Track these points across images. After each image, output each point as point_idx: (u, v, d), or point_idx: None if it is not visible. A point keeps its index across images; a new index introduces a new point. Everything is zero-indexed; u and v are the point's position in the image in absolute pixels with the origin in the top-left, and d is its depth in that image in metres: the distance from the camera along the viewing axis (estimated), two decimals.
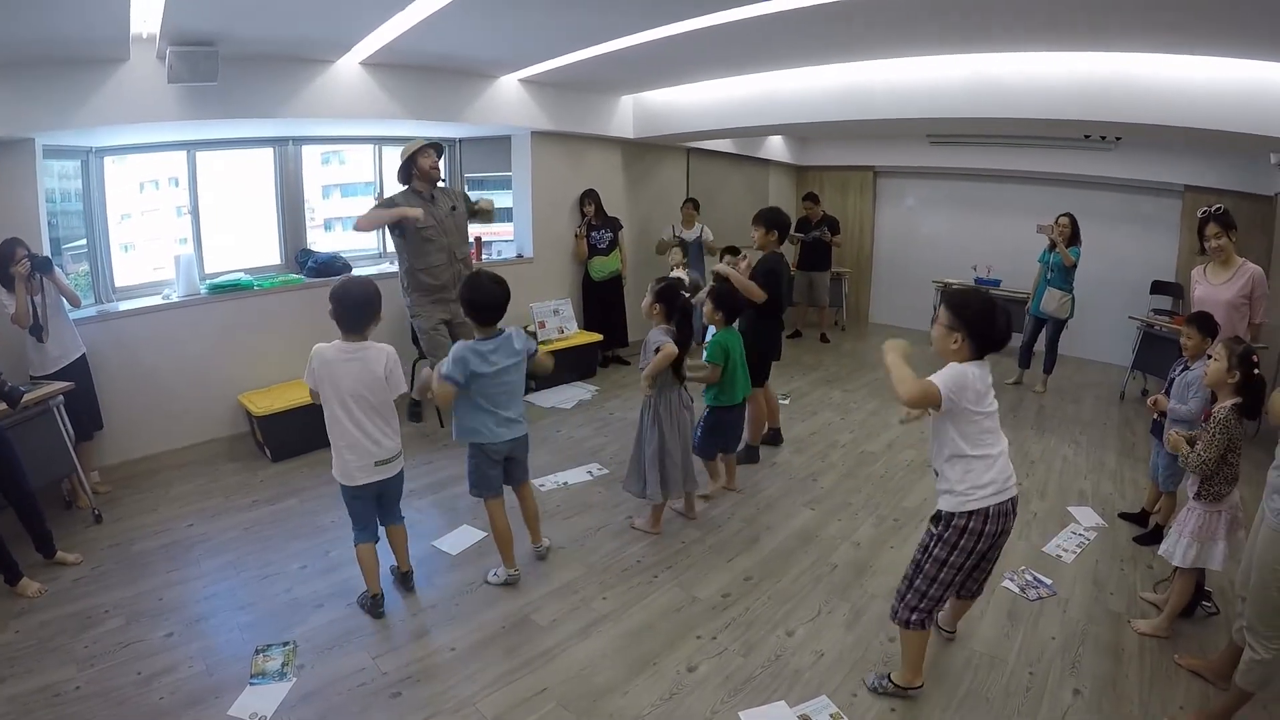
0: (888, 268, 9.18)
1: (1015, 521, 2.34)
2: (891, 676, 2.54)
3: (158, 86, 3.90)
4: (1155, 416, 3.56)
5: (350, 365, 2.76)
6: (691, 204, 7.10)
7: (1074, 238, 5.86)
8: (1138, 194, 7.07)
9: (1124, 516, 3.95)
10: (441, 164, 4.76)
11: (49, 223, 4.14)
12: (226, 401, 4.72)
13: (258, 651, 2.75)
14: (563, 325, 6.52)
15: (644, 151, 7.46)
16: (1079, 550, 3.61)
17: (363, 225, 4.47)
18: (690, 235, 6.90)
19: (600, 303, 6.87)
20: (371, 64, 4.80)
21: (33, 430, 3.44)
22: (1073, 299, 5.99)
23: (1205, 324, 3.33)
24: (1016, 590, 3.24)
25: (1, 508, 3.17)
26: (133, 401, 4.34)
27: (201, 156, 4.89)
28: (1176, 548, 2.81)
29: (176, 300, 4.54)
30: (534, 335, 6.25)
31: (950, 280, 7.78)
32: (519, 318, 6.28)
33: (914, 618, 2.37)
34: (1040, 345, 6.36)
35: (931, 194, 8.74)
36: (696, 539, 3.69)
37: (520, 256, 6.69)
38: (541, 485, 4.23)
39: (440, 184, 4.72)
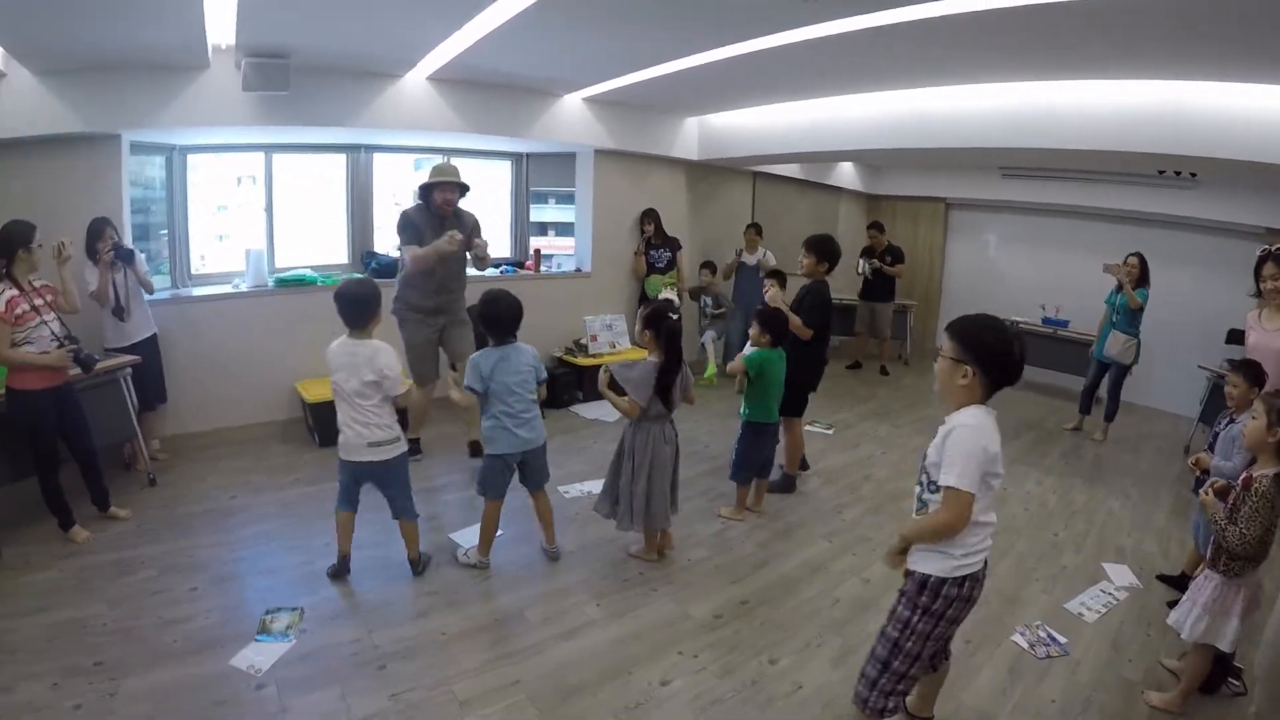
0: (956, 302, 8.93)
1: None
2: None
3: (234, 93, 4.28)
4: (1197, 474, 3.35)
5: (349, 359, 3.06)
6: (754, 229, 7.13)
7: (1142, 279, 5.60)
8: (1216, 236, 6.66)
9: (1162, 579, 3.71)
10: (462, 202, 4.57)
11: (147, 209, 4.62)
12: (284, 387, 5.08)
13: (267, 612, 2.99)
14: (615, 340, 6.62)
15: (708, 173, 7.55)
16: (1104, 610, 3.41)
17: (416, 270, 4.38)
18: (752, 259, 6.94)
19: None
20: (438, 79, 5.10)
21: (101, 396, 3.83)
22: (1138, 344, 5.70)
23: (1253, 372, 3.12)
24: (1025, 645, 3.07)
25: (66, 461, 3.53)
26: (197, 380, 4.74)
27: (278, 159, 5.31)
28: (1187, 619, 2.59)
29: (245, 290, 4.94)
30: (584, 348, 6.42)
31: (1018, 318, 7.51)
32: (573, 329, 6.48)
33: (890, 704, 2.12)
34: (1103, 391, 6.07)
35: (1003, 228, 8.50)
36: (704, 558, 3.71)
37: (579, 270, 6.88)
38: (566, 492, 4.36)
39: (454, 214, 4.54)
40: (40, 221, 3.37)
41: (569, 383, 6.26)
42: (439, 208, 4.38)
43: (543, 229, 7.41)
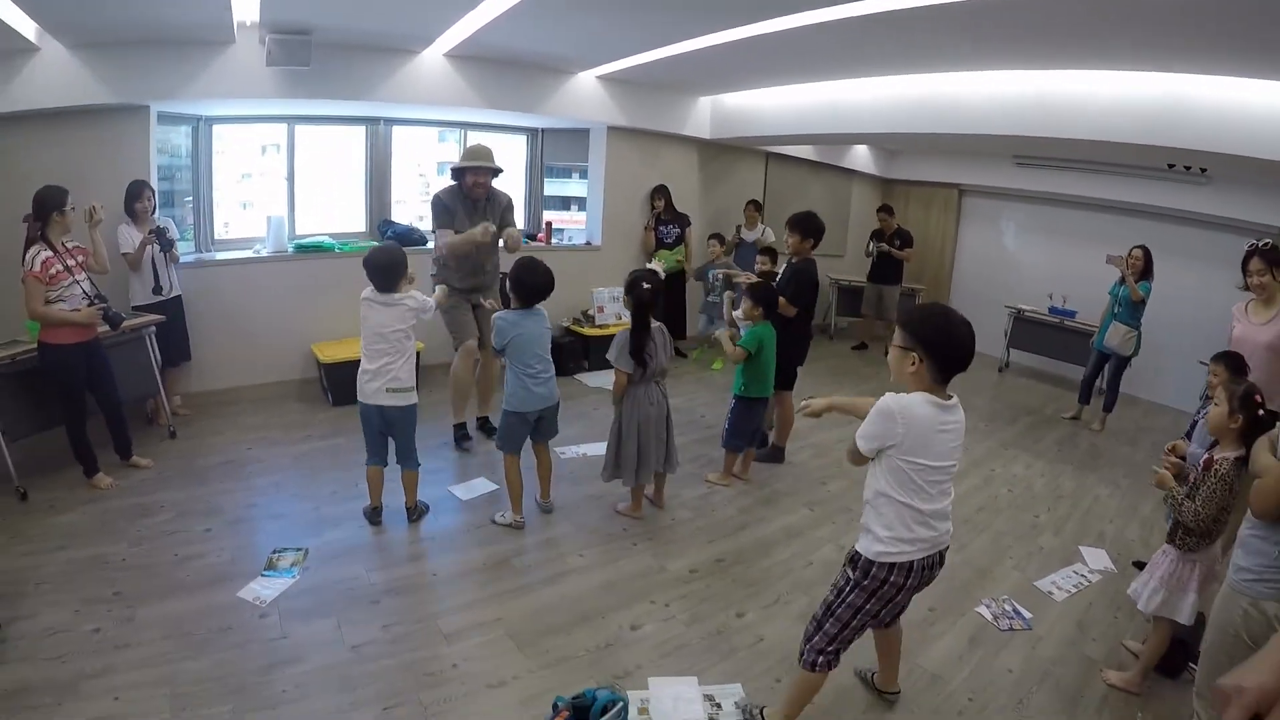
0: (965, 289, 8.94)
1: (943, 570, 2.21)
2: (765, 712, 2.42)
3: (258, 68, 4.48)
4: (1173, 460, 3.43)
5: (383, 308, 3.32)
6: (754, 205, 7.23)
7: (1146, 272, 5.62)
8: (1227, 233, 6.57)
9: (1139, 565, 3.77)
10: (494, 182, 4.50)
11: (173, 176, 4.89)
12: (300, 349, 5.34)
13: (274, 551, 3.26)
14: (620, 312, 6.72)
15: (720, 152, 7.65)
16: (1074, 590, 3.48)
17: (451, 258, 4.35)
18: (751, 235, 7.04)
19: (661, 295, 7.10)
20: (454, 56, 5.26)
21: (127, 352, 4.10)
22: (1139, 336, 5.73)
23: (1233, 362, 3.17)
24: (989, 617, 3.16)
25: (93, 413, 3.80)
26: (218, 340, 5.01)
27: (300, 130, 5.54)
28: (1144, 590, 2.67)
29: (265, 255, 5.20)
30: (591, 319, 6.60)
31: (1025, 306, 7.56)
32: (581, 300, 6.66)
33: (820, 660, 2.22)
34: (1105, 382, 6.11)
35: (1015, 217, 8.48)
36: (686, 519, 3.89)
37: (589, 244, 7.05)
38: (563, 453, 4.54)
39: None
40: (72, 187, 3.60)
41: (575, 351, 6.46)
42: (470, 190, 4.33)
43: (565, 203, 7.58)
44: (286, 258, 5.27)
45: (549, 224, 6.98)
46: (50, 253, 3.44)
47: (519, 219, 7.02)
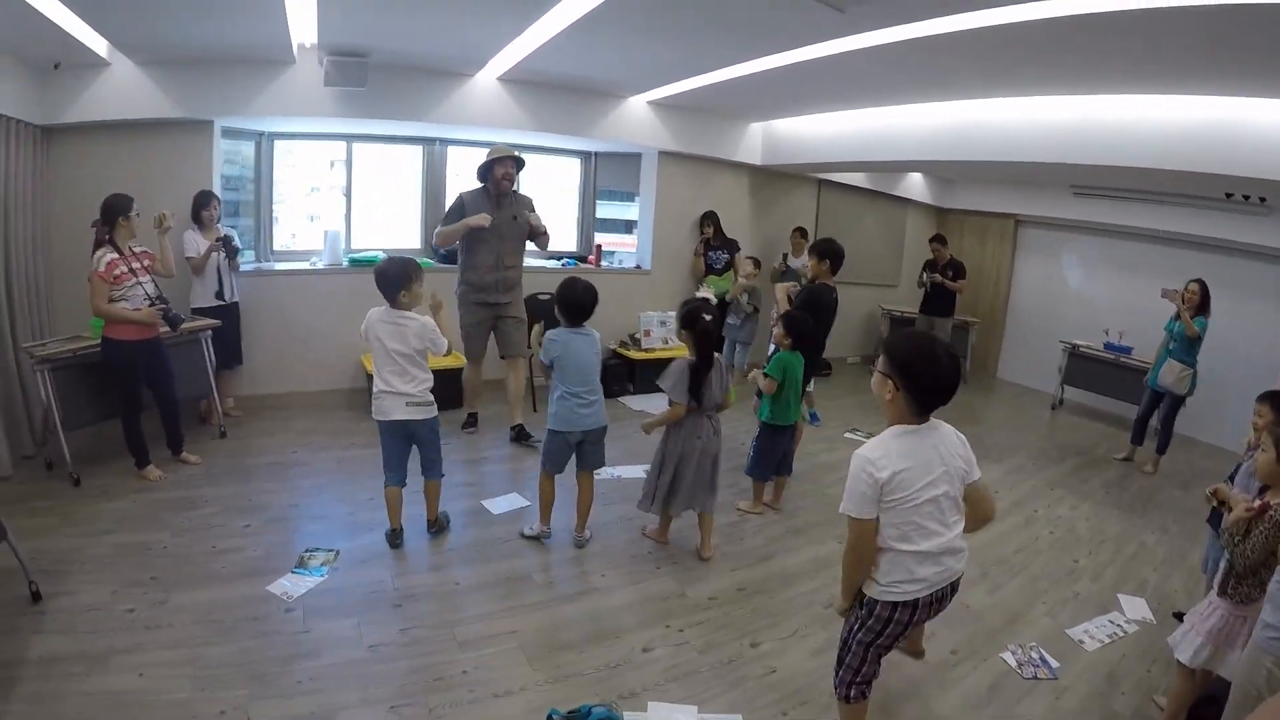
0: (1021, 322, 8.71)
1: (954, 600, 2.19)
2: None
3: (317, 87, 4.72)
4: (1214, 505, 3.28)
5: (390, 327, 3.35)
6: (799, 232, 7.22)
7: (1202, 307, 5.39)
8: None
9: (1179, 616, 3.61)
10: (520, 176, 4.83)
11: (241, 187, 5.19)
12: (351, 359, 5.55)
13: (306, 550, 3.40)
14: (668, 337, 6.76)
15: (772, 179, 7.66)
16: (1108, 640, 3.32)
17: (440, 244, 4.84)
18: (797, 263, 7.02)
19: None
20: (507, 79, 5.43)
21: (184, 353, 4.36)
22: (1195, 373, 5.48)
23: (1279, 402, 3.08)
24: (1013, 664, 3.04)
25: (147, 408, 4.03)
26: (274, 346, 5.26)
27: (359, 147, 5.78)
28: (1185, 641, 2.53)
29: (321, 268, 5.43)
30: (638, 342, 6.66)
31: (1079, 342, 7.33)
32: (628, 324, 6.72)
33: (851, 692, 2.25)
34: (1157, 422, 5.87)
35: (1073, 248, 8.23)
36: (713, 546, 3.83)
37: (639, 268, 7.13)
38: (598, 474, 4.52)
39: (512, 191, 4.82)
40: (139, 195, 3.87)
41: (621, 374, 6.52)
42: (498, 183, 4.63)
43: (628, 227, 7.70)
44: (341, 270, 5.49)
45: (599, 246, 7.11)
46: (115, 255, 3.69)
47: (571, 240, 7.21)
